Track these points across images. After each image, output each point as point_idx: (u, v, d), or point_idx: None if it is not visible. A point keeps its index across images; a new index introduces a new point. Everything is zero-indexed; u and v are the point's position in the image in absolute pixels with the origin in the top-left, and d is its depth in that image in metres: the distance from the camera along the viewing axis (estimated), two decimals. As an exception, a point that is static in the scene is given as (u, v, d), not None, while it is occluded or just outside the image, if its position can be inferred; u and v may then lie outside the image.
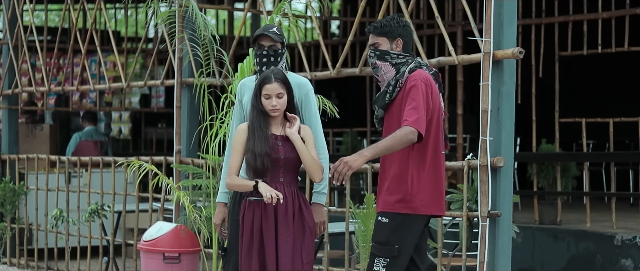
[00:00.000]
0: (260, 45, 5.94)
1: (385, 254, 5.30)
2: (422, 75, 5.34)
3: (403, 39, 5.47)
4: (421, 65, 5.44)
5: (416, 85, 5.28)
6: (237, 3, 16.80)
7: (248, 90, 5.98)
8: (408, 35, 5.51)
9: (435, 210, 5.42)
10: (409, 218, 5.32)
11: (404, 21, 5.51)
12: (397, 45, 5.45)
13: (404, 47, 5.47)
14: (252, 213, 5.66)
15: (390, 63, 5.43)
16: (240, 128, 5.70)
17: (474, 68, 6.62)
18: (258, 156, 5.59)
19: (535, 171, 10.31)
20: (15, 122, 11.16)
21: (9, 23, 10.76)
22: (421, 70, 5.39)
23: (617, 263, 8.87)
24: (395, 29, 5.45)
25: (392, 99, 5.39)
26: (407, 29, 5.51)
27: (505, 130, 5.95)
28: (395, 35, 5.46)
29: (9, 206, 10.17)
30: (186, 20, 8.03)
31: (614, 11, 10.66)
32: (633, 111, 11.42)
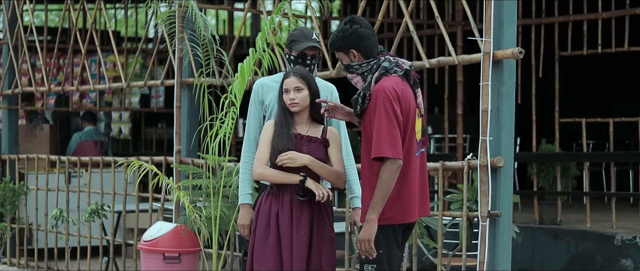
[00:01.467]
0: (304, 54, 5.87)
1: (371, 260, 5.20)
2: (385, 87, 5.12)
3: (356, 48, 5.24)
4: (387, 70, 5.20)
5: (377, 105, 5.09)
6: (237, 3, 16.81)
7: (271, 90, 5.97)
8: (360, 41, 5.24)
9: (412, 217, 5.26)
10: (383, 230, 5.15)
11: (350, 29, 5.25)
12: (354, 55, 5.26)
13: (363, 53, 5.25)
14: (268, 207, 5.64)
15: (357, 73, 5.28)
16: (268, 123, 5.69)
17: (474, 68, 6.62)
18: (279, 153, 5.57)
19: (535, 171, 10.31)
20: (15, 122, 11.16)
21: (9, 23, 10.76)
22: (387, 78, 5.18)
23: (617, 263, 8.87)
24: (344, 41, 5.26)
25: (363, 109, 5.23)
26: (356, 36, 5.24)
27: (505, 130, 5.94)
28: (347, 47, 5.26)
29: (9, 206, 10.17)
30: (186, 20, 8.03)
31: (614, 11, 10.66)
32: (633, 111, 11.42)
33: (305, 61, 5.87)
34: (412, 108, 5.22)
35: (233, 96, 6.80)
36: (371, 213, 5.09)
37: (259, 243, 5.65)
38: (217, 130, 6.95)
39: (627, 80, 15.09)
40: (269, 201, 5.67)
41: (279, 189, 5.65)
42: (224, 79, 7.93)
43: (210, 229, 7.02)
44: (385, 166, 5.05)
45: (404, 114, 5.15)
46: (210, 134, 7.07)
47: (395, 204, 5.16)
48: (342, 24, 5.31)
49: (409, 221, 5.27)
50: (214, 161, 7.19)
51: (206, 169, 7.48)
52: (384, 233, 5.17)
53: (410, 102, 5.20)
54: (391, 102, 5.10)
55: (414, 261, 6.78)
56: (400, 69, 5.24)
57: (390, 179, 5.06)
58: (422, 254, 7.59)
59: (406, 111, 5.16)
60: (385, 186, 5.07)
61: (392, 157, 5.04)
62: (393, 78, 5.20)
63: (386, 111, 5.08)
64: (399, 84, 5.18)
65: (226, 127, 6.83)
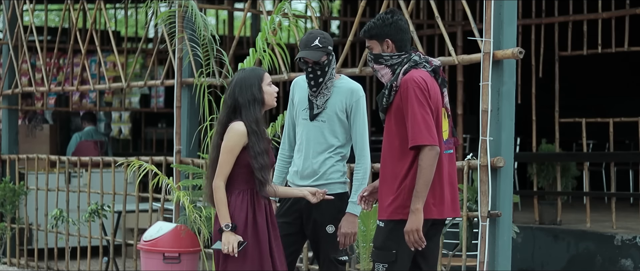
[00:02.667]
0: (305, 61, 5.86)
1: (383, 259, 5.18)
2: (415, 77, 5.11)
3: (392, 38, 5.23)
4: (417, 63, 5.20)
5: (408, 94, 5.08)
6: (237, 3, 16.80)
7: (300, 89, 5.97)
8: (398, 32, 5.25)
9: (435, 214, 5.19)
10: (401, 224, 5.12)
11: (391, 19, 5.26)
12: (388, 45, 5.25)
13: (397, 46, 5.25)
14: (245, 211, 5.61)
15: (386, 65, 5.24)
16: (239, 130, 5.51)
17: (474, 68, 6.62)
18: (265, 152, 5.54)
19: (535, 171, 10.31)
20: (15, 122, 11.15)
21: (9, 23, 10.76)
22: (416, 70, 5.17)
23: (617, 263, 8.87)
24: (382, 29, 5.24)
25: (389, 103, 5.21)
26: (395, 27, 5.24)
27: (505, 130, 5.94)
28: (383, 36, 5.25)
29: (9, 206, 10.17)
30: (186, 20, 8.03)
31: (614, 11, 10.66)
32: (633, 111, 11.42)
33: (307, 68, 5.85)
34: (439, 104, 5.20)
35: (233, 96, 6.78)
36: (416, 202, 5.05)
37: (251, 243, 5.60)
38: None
39: (627, 80, 15.08)
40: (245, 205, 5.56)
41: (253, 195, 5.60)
42: (224, 79, 7.93)
43: (210, 229, 7.02)
44: (424, 154, 5.04)
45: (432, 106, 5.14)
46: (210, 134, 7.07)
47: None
48: (382, 14, 5.30)
49: (432, 217, 5.19)
50: (214, 161, 7.18)
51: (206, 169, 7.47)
52: (399, 230, 5.12)
53: (438, 98, 5.19)
54: (422, 90, 5.09)
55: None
56: (429, 65, 5.24)
57: (431, 166, 5.04)
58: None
59: (434, 105, 5.15)
60: (427, 174, 5.04)
61: (430, 144, 5.03)
62: (422, 71, 5.19)
63: (418, 99, 5.08)
64: (428, 78, 5.18)
65: (226, 127, 6.83)
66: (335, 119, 5.83)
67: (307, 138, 5.88)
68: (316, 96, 5.84)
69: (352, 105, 5.82)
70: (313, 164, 5.85)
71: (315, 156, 5.85)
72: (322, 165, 5.85)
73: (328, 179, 5.86)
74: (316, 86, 5.82)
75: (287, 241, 5.89)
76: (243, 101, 5.55)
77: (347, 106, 5.82)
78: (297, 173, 5.93)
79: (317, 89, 5.83)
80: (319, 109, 5.86)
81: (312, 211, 5.86)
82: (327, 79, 5.83)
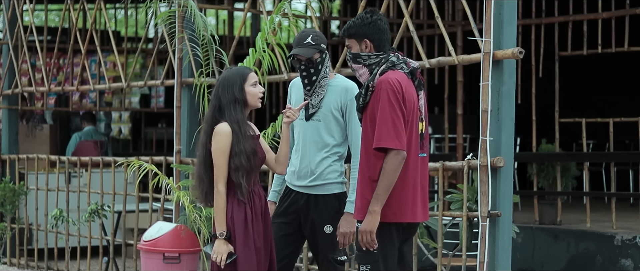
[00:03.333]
0: (298, 59, 5.85)
1: (366, 260, 5.16)
2: (390, 78, 5.10)
3: (371, 38, 5.22)
4: (395, 64, 5.18)
5: (381, 95, 5.06)
6: (237, 3, 16.81)
7: (297, 90, 5.96)
8: (376, 32, 5.23)
9: (408, 217, 5.18)
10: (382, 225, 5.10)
11: (370, 19, 5.24)
12: (366, 45, 5.23)
13: (376, 46, 5.23)
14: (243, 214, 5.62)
15: (364, 65, 5.22)
16: (224, 131, 5.51)
17: (474, 68, 6.62)
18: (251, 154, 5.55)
19: (535, 171, 10.31)
20: (15, 122, 11.15)
21: (9, 23, 10.76)
22: (392, 71, 5.15)
23: (617, 263, 8.87)
24: (361, 28, 5.23)
25: (366, 103, 5.19)
26: (374, 26, 5.23)
27: (505, 130, 5.94)
28: (362, 36, 5.23)
29: (9, 206, 10.17)
30: (186, 20, 8.03)
31: (614, 11, 10.66)
32: (633, 111, 11.42)
33: (300, 66, 5.86)
34: (414, 107, 5.18)
35: (233, 96, 6.79)
36: (374, 204, 5.04)
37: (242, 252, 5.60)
38: (217, 130, 6.94)
39: (627, 80, 15.09)
40: (242, 208, 5.59)
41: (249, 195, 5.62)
42: (224, 79, 7.92)
43: (210, 229, 7.02)
44: (389, 158, 5.01)
45: (407, 108, 5.11)
46: (210, 134, 7.06)
47: (389, 203, 5.10)
48: (362, 13, 5.29)
49: (407, 220, 5.20)
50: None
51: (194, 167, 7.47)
52: (379, 232, 5.11)
53: (413, 101, 5.17)
54: (395, 93, 5.07)
55: (414, 261, 6.78)
56: (407, 67, 5.22)
57: (394, 171, 5.02)
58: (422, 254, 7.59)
59: (409, 108, 5.13)
60: (389, 178, 5.02)
61: (396, 148, 5.01)
62: (398, 73, 5.17)
63: (390, 102, 5.05)
64: (404, 80, 5.16)
65: (226, 127, 6.83)
66: (331, 118, 5.83)
67: (304, 138, 5.88)
68: (311, 95, 5.84)
69: (347, 104, 5.82)
70: (310, 164, 5.85)
71: (312, 156, 5.85)
72: (318, 165, 5.85)
73: (325, 179, 5.86)
74: (310, 85, 5.83)
75: (285, 242, 5.89)
76: (225, 100, 5.55)
77: (342, 105, 5.82)
78: (294, 173, 5.93)
79: (311, 88, 5.83)
80: (314, 109, 5.86)
81: (310, 211, 5.86)
82: (321, 77, 5.83)
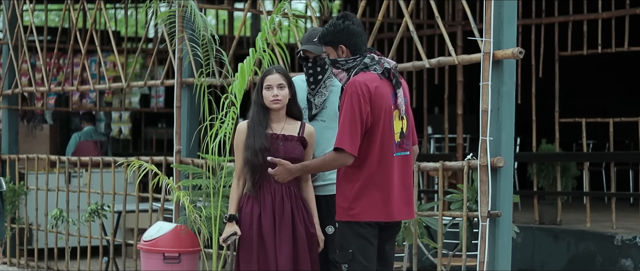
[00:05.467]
0: (305, 57, 5.88)
1: (343, 259, 5.28)
2: (357, 81, 5.19)
3: (345, 44, 5.31)
4: (368, 66, 5.26)
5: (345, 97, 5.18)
6: (237, 3, 16.81)
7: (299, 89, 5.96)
8: (350, 37, 5.31)
9: (381, 216, 5.26)
10: (350, 225, 5.24)
11: (342, 25, 5.32)
12: (342, 50, 5.32)
13: (351, 50, 5.31)
14: (250, 210, 5.70)
15: (343, 69, 5.32)
16: (241, 125, 5.76)
17: (474, 68, 6.62)
18: (259, 151, 5.62)
19: (535, 171, 10.31)
20: (15, 122, 11.15)
21: (9, 23, 10.76)
22: (363, 73, 5.24)
23: (617, 263, 8.87)
24: (334, 36, 5.32)
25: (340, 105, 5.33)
26: (347, 32, 5.30)
27: (505, 130, 5.94)
28: (336, 42, 5.33)
29: (9, 206, 10.16)
30: (186, 20, 8.03)
31: (614, 11, 10.66)
32: (633, 111, 11.42)
33: (307, 63, 5.86)
34: (386, 106, 5.24)
35: (233, 96, 6.79)
36: (299, 170, 5.44)
37: (243, 246, 5.72)
38: (217, 130, 6.95)
39: (627, 80, 15.09)
40: (250, 203, 5.74)
41: (259, 192, 5.70)
42: (224, 79, 7.93)
43: (210, 229, 7.02)
44: (339, 155, 5.19)
45: (375, 112, 5.19)
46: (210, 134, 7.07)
47: (360, 202, 5.21)
48: (334, 19, 5.37)
49: (377, 220, 5.27)
50: (214, 161, 7.18)
51: (206, 169, 7.48)
52: (352, 230, 5.24)
53: (384, 100, 5.23)
54: (359, 97, 5.17)
55: (414, 261, 6.78)
56: (380, 67, 5.29)
57: (329, 165, 5.32)
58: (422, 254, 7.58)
59: (378, 108, 5.20)
60: (321, 167, 5.38)
61: (348, 152, 5.16)
62: (370, 74, 5.25)
63: (351, 105, 5.17)
64: (374, 81, 5.23)
65: (226, 127, 6.83)
66: (335, 118, 5.83)
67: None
68: (314, 95, 5.84)
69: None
70: None
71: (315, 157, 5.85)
72: None
73: (327, 179, 5.87)
74: (315, 84, 5.83)
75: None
76: (252, 100, 5.89)
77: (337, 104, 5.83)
78: None
79: (315, 87, 5.83)
80: (317, 109, 5.86)
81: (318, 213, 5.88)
82: (326, 77, 5.84)
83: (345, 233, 5.27)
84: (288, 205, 5.69)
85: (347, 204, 5.26)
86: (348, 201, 5.25)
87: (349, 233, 5.25)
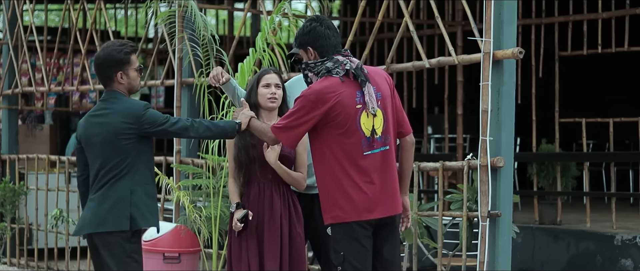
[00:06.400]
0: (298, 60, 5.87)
1: (336, 261, 5.30)
2: (312, 88, 5.27)
3: (312, 46, 5.34)
4: (330, 70, 5.28)
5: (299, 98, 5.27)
6: (237, 3, 16.81)
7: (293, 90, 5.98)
8: (317, 39, 5.33)
9: (364, 215, 5.25)
10: (340, 228, 5.25)
11: (309, 27, 5.36)
12: (311, 53, 5.35)
13: (319, 52, 5.34)
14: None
15: (313, 72, 5.36)
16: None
17: (474, 68, 6.62)
18: (242, 148, 5.68)
19: (535, 171, 10.31)
20: (15, 122, 11.15)
21: (9, 23, 10.76)
22: (324, 79, 5.28)
23: (617, 263, 8.87)
24: (302, 38, 5.36)
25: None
26: (314, 34, 5.33)
27: (505, 130, 5.94)
28: (304, 45, 5.36)
29: (9, 206, 10.17)
30: (186, 20, 8.03)
31: (614, 11, 10.66)
32: (633, 111, 11.43)
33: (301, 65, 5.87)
34: (349, 108, 5.22)
35: (233, 96, 6.79)
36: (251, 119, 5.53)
37: (234, 245, 5.75)
38: (217, 130, 6.95)
39: (627, 80, 15.09)
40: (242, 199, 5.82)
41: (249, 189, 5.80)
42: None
43: (210, 229, 7.03)
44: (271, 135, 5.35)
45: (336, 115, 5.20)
46: (210, 134, 7.06)
47: (343, 203, 5.21)
48: (305, 21, 5.41)
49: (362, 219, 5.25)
50: (214, 161, 7.19)
51: (206, 169, 7.48)
52: (343, 232, 5.24)
53: (347, 103, 5.22)
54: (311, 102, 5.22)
55: (414, 261, 6.78)
56: (341, 70, 5.28)
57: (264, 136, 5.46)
58: (422, 254, 7.59)
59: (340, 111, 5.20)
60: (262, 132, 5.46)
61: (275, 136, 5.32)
62: (329, 80, 5.27)
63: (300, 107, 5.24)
64: (332, 86, 5.24)
65: (226, 127, 6.83)
66: None
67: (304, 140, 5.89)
68: None
69: None
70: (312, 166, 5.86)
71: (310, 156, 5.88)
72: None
73: None
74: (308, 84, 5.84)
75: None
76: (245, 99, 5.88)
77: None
78: None
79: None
80: None
81: (314, 212, 5.88)
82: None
83: (336, 236, 5.28)
84: (278, 203, 5.73)
85: (329, 207, 5.27)
86: (329, 204, 5.27)
87: (340, 235, 5.26)
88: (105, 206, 5.46)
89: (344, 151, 5.22)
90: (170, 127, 5.51)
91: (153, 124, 5.49)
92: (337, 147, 5.23)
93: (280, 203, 5.76)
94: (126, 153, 5.48)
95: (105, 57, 5.63)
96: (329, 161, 5.24)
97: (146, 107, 5.51)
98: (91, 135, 5.55)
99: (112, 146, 5.47)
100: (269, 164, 5.73)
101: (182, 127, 5.52)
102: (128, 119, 5.47)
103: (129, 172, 5.48)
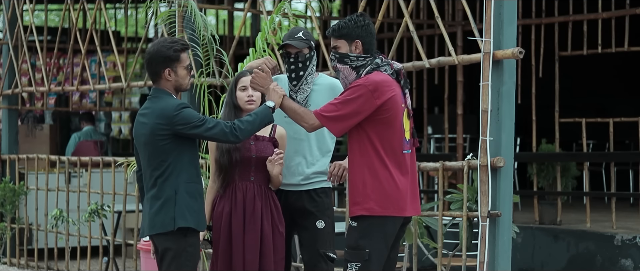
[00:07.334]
0: (288, 52, 5.89)
1: (356, 258, 5.25)
2: (371, 79, 5.24)
3: (362, 40, 5.34)
4: (380, 66, 5.32)
5: (355, 86, 5.22)
6: (237, 3, 16.80)
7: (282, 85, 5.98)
8: (368, 35, 5.36)
9: (395, 211, 5.28)
10: (372, 220, 5.24)
11: (363, 21, 5.37)
12: (357, 46, 5.34)
13: (365, 49, 5.35)
14: (221, 209, 5.73)
15: (350, 66, 5.33)
16: None
17: (474, 68, 6.62)
18: (225, 151, 5.67)
19: (535, 171, 10.31)
20: (15, 123, 11.15)
21: (9, 23, 10.76)
22: (376, 72, 5.29)
23: (617, 263, 8.87)
24: (353, 30, 5.34)
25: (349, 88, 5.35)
26: (366, 29, 5.36)
27: (505, 130, 5.94)
28: (354, 37, 5.34)
29: (9, 206, 10.16)
30: (186, 20, 8.02)
31: (614, 11, 10.66)
32: (633, 111, 11.43)
33: (289, 59, 5.88)
34: (398, 105, 5.30)
35: (233, 96, 6.79)
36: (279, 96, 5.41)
37: (216, 246, 5.76)
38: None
39: (627, 80, 15.09)
40: (222, 203, 5.80)
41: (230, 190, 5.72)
42: (224, 79, 7.93)
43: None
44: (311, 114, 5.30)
45: (387, 110, 5.23)
46: (210, 134, 7.06)
47: (379, 197, 5.23)
48: (354, 15, 5.39)
49: (397, 215, 5.29)
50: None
51: (206, 169, 7.47)
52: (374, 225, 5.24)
53: (397, 100, 5.30)
54: (371, 92, 5.21)
55: (414, 261, 6.78)
56: (390, 68, 5.35)
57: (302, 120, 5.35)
58: (422, 254, 7.59)
59: (391, 107, 5.25)
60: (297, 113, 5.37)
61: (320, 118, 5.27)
62: (383, 75, 5.31)
63: (358, 95, 5.20)
64: (388, 81, 5.30)
65: (226, 127, 6.83)
66: None
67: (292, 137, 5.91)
68: (296, 92, 5.86)
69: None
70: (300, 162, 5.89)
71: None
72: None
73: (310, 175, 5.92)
74: (297, 80, 5.85)
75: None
76: (225, 102, 5.91)
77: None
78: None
79: (297, 83, 5.86)
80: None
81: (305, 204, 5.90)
82: (308, 74, 5.87)
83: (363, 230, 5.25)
84: (258, 203, 5.73)
85: (362, 199, 5.26)
86: (362, 196, 5.26)
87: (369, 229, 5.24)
88: (154, 208, 5.47)
89: (386, 147, 5.26)
90: (206, 133, 5.40)
91: (186, 126, 5.39)
92: (380, 142, 5.26)
93: (261, 203, 5.75)
94: (166, 153, 5.41)
95: (154, 53, 5.52)
96: (369, 154, 5.26)
97: (180, 108, 5.41)
98: (138, 135, 5.54)
99: (152, 146, 5.44)
100: (250, 166, 5.73)
101: (220, 132, 5.40)
102: (161, 120, 5.41)
103: (173, 172, 5.43)
